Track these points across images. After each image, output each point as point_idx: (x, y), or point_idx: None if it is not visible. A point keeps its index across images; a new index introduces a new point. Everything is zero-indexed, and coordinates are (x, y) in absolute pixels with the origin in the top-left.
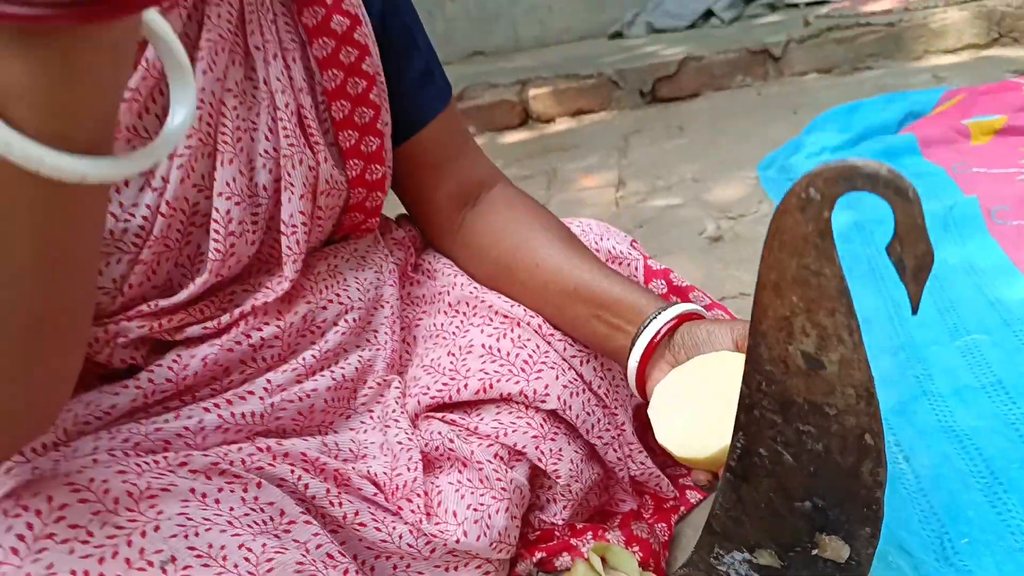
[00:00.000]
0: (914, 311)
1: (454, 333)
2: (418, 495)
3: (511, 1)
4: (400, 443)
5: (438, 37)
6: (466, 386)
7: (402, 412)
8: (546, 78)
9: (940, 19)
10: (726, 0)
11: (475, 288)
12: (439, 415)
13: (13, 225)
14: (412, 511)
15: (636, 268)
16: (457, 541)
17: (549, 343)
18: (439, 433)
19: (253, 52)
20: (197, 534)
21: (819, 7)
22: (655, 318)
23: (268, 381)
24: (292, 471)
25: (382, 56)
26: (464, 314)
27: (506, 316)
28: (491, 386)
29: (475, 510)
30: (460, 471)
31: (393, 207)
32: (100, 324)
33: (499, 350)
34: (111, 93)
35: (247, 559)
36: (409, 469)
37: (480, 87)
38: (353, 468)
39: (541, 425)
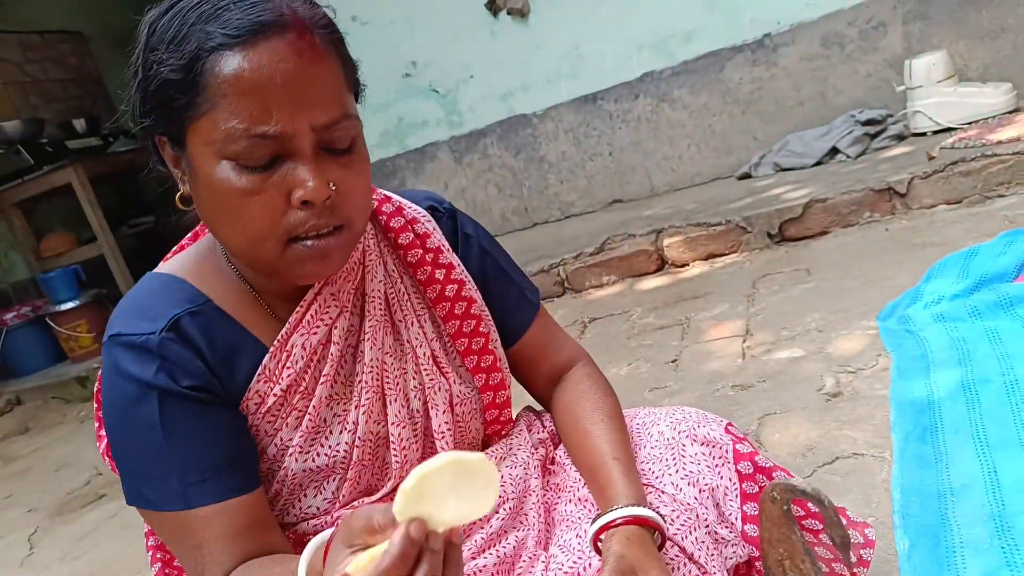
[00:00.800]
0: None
1: (579, 519)
2: None
3: (645, 154)
4: None
5: (581, 190)
6: (591, 564)
7: None
8: (679, 227)
9: None
10: (851, 137)
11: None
12: None
13: None
14: None
15: (727, 451)
16: None
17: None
18: None
19: (397, 324)
20: None
21: (947, 135)
22: (607, 512)
23: None
24: None
25: (487, 291)
26: (588, 508)
27: None
28: None
29: None
30: None
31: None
32: (328, 512)
33: None
34: None
35: None
36: None
37: (619, 237)
38: None
39: None
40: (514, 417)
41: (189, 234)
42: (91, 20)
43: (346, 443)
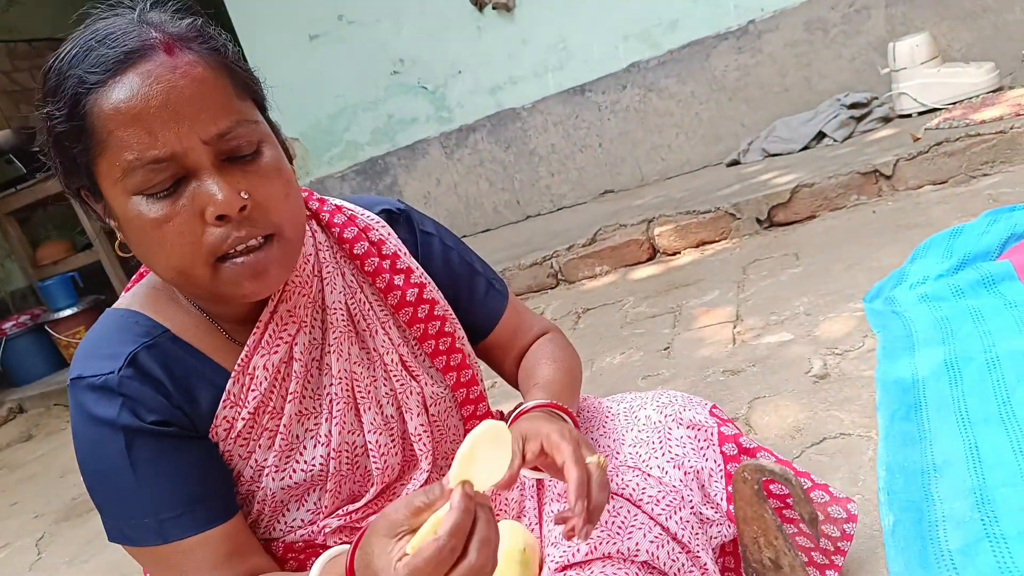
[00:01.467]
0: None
1: None
2: None
3: (634, 144)
4: None
5: (573, 182)
6: (578, 551)
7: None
8: (669, 215)
9: None
10: (837, 121)
11: None
12: (562, 574)
13: None
14: None
15: (712, 434)
16: None
17: (639, 507)
18: None
19: (362, 333)
20: None
21: (932, 116)
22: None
23: None
24: None
25: (455, 287)
26: None
27: None
28: (595, 548)
29: None
30: None
31: None
32: (313, 523)
33: (600, 520)
34: None
35: None
36: None
37: (611, 228)
38: None
39: (636, 573)
40: (492, 409)
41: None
42: (78, 27)
43: (321, 456)
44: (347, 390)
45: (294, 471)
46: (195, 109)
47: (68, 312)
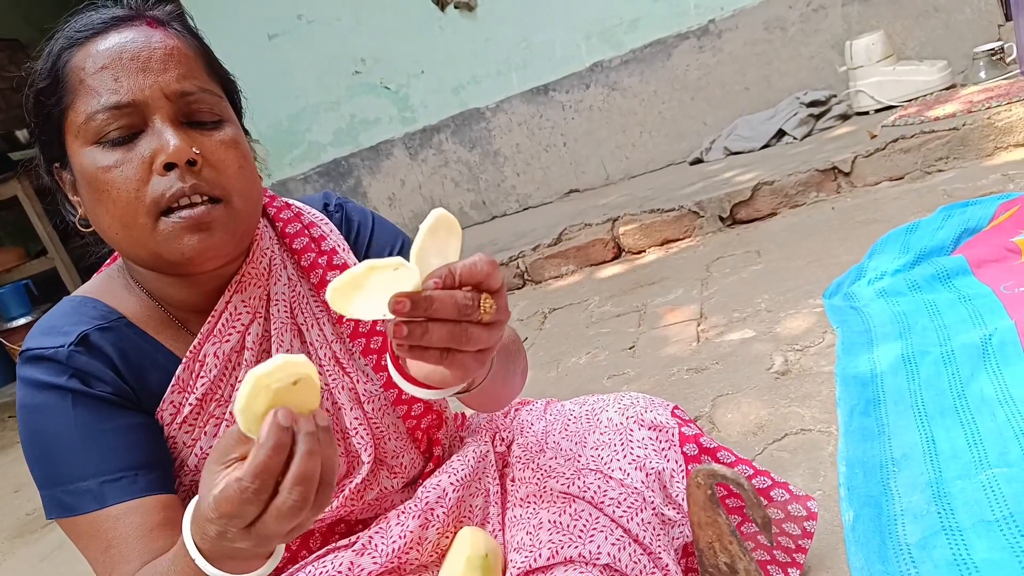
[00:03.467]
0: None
1: (528, 518)
2: None
3: (599, 143)
4: None
5: (538, 182)
6: (540, 555)
7: None
8: (634, 214)
9: (1005, 116)
10: (796, 119)
11: (537, 481)
12: None
13: None
14: None
15: (673, 435)
16: None
17: (600, 509)
18: None
19: (300, 326)
20: None
21: (888, 113)
22: None
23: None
24: None
25: None
26: (534, 504)
27: (565, 495)
28: (557, 553)
29: None
30: None
31: None
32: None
33: (561, 523)
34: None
35: None
36: None
37: (576, 227)
38: None
39: None
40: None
41: (109, 259)
42: (29, 26)
43: None
44: None
45: None
46: (163, 66)
47: (22, 321)
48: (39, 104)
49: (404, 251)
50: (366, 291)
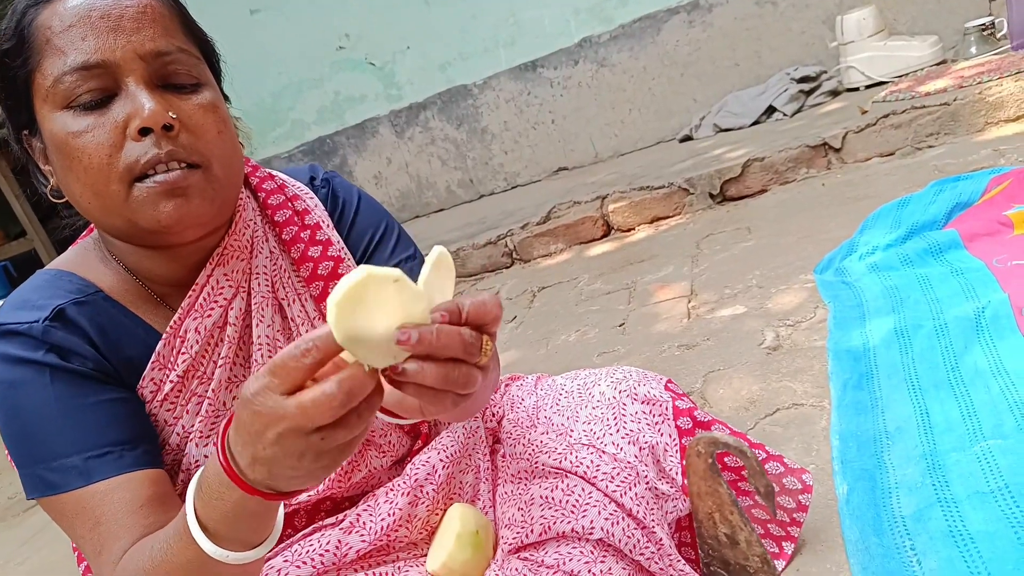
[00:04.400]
0: (774, 519)
1: (520, 494)
2: None
3: (587, 120)
4: None
5: (526, 160)
6: (532, 531)
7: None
8: (623, 192)
9: (996, 91)
10: (787, 95)
11: (528, 456)
12: (516, 555)
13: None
14: None
15: (666, 408)
16: None
17: (593, 484)
18: (516, 569)
19: (281, 301)
20: None
21: (879, 89)
22: None
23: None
24: None
25: (375, 252)
26: (525, 480)
27: (557, 470)
28: (549, 528)
29: None
30: None
31: None
32: None
33: (553, 499)
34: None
35: None
36: None
37: (565, 205)
38: None
39: (592, 552)
40: None
41: (84, 231)
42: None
43: None
44: (270, 356)
45: None
46: (137, 25)
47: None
48: (3, 67)
49: (386, 235)
50: (367, 305)
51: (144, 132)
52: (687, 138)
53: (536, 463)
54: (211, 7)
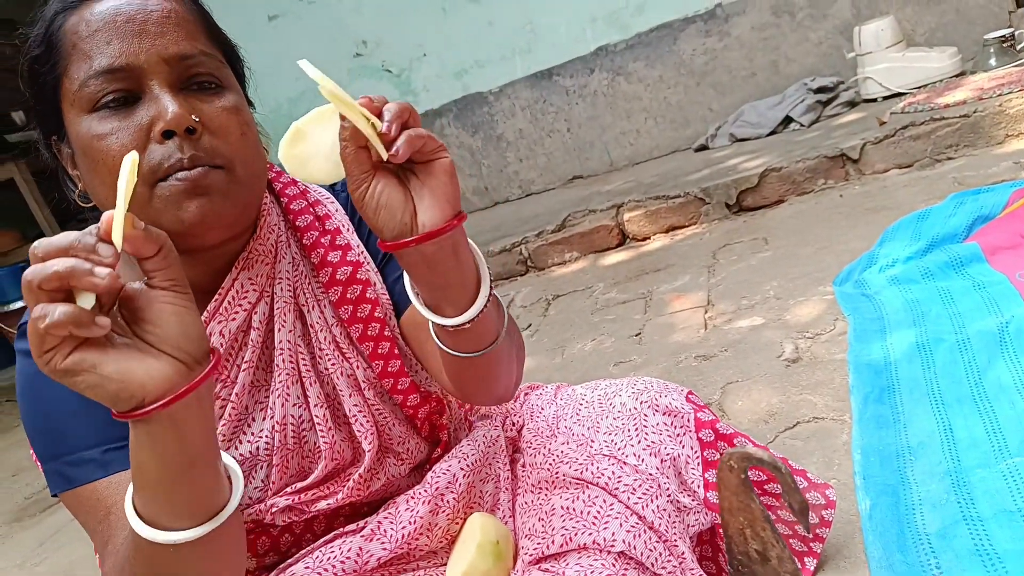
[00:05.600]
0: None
1: (540, 505)
2: None
3: (603, 129)
4: None
5: (541, 167)
6: (553, 542)
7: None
8: (639, 201)
9: (1017, 104)
10: (804, 105)
11: (549, 466)
12: (537, 566)
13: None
14: None
15: (688, 420)
16: None
17: (615, 496)
18: None
19: (302, 307)
20: None
21: (897, 100)
22: None
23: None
24: None
25: (385, 260)
26: (545, 490)
27: (578, 481)
28: (570, 539)
29: None
30: None
31: None
32: (261, 501)
33: (574, 510)
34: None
35: None
36: None
37: (580, 213)
38: None
39: (613, 564)
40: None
41: None
42: (22, 7)
43: (268, 429)
44: (291, 362)
45: (240, 442)
46: (161, 29)
47: (19, 304)
48: (33, 73)
49: None
50: (312, 142)
51: (167, 135)
52: (703, 148)
53: (556, 473)
54: (230, 13)
